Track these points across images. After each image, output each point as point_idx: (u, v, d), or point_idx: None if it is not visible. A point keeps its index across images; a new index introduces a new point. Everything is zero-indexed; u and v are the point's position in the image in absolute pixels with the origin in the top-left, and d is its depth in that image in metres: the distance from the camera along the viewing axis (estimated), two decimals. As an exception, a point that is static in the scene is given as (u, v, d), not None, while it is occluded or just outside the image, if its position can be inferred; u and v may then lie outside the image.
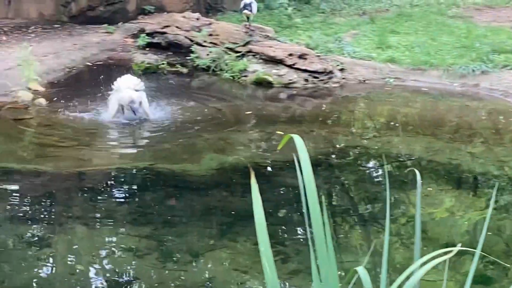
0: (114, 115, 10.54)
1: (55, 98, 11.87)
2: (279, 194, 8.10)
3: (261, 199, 2.78)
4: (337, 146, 9.89)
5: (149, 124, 10.71)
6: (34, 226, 7.17)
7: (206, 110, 11.54)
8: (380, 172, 8.91)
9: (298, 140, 2.62)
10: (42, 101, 11.47)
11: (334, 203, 7.97)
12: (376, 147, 9.95)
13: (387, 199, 3.06)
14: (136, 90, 10.51)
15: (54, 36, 16.30)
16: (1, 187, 8.06)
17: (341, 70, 13.71)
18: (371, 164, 9.48)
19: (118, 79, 10.74)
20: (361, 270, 2.63)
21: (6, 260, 6.38)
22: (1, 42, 15.25)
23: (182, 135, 10.20)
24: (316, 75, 13.36)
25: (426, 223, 7.16)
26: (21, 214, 7.39)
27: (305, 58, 13.63)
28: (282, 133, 10.03)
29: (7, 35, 16.02)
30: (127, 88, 10.45)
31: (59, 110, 11.24)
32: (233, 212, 7.61)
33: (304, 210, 2.75)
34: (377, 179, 8.67)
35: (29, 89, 11.98)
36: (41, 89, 12.22)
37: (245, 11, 14.84)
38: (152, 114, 10.86)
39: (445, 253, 2.53)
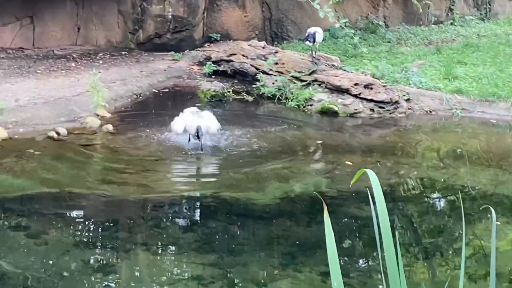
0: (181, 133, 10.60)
1: (122, 125, 12.02)
2: (345, 225, 8.05)
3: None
4: (404, 177, 9.80)
5: (215, 151, 10.77)
6: (100, 251, 7.25)
7: (271, 138, 11.56)
8: (447, 204, 8.81)
9: (372, 175, 2.60)
10: (109, 127, 11.62)
11: (402, 235, 7.89)
12: (442, 179, 9.84)
13: (463, 236, 3.03)
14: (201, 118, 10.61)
15: (122, 63, 16.54)
16: (68, 212, 8.18)
17: (407, 100, 13.62)
18: (437, 196, 9.37)
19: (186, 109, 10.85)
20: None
21: (73, 286, 6.45)
22: (70, 68, 15.52)
23: (247, 163, 10.21)
24: (382, 105, 13.29)
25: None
26: (87, 240, 7.48)
27: (371, 88, 13.58)
28: (351, 163, 10.01)
29: (76, 62, 16.31)
30: (193, 117, 10.54)
31: (125, 136, 11.39)
32: (297, 242, 7.58)
33: (378, 245, 2.73)
34: (444, 211, 8.57)
35: (97, 115, 12.16)
36: (109, 115, 12.40)
37: (306, 42, 14.95)
38: (217, 142, 10.93)
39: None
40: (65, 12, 18.21)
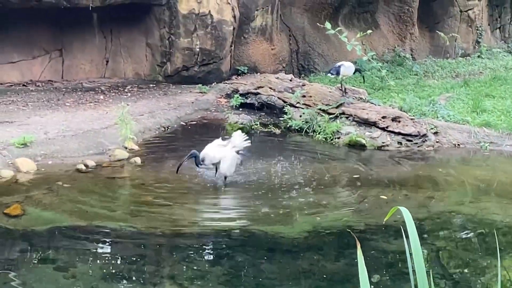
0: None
1: (150, 157, 12.08)
2: (374, 260, 7.98)
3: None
4: (432, 211, 9.71)
5: (243, 185, 10.77)
6: (127, 285, 7.23)
7: (299, 171, 11.57)
8: (478, 239, 8.72)
9: (406, 213, 2.58)
10: (137, 159, 11.67)
11: (433, 270, 7.81)
12: (472, 213, 9.74)
13: (498, 271, 2.99)
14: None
15: (150, 95, 16.66)
16: (95, 245, 8.18)
17: (435, 133, 13.57)
18: (468, 230, 9.26)
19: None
20: None
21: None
22: (98, 101, 15.64)
23: (275, 196, 10.19)
24: (410, 138, 13.25)
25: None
26: (115, 273, 7.46)
27: (399, 121, 13.55)
28: (386, 197, 9.96)
29: (105, 94, 16.44)
30: (216, 147, 10.56)
31: (153, 169, 11.43)
32: (325, 276, 7.53)
33: (411, 280, 2.70)
34: (475, 246, 8.47)
35: (125, 147, 12.23)
36: (137, 147, 12.46)
37: (329, 74, 15.05)
38: (245, 174, 10.94)
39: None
40: (93, 45, 18.39)
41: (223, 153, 10.50)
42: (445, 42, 21.71)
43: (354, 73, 15.29)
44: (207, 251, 8.26)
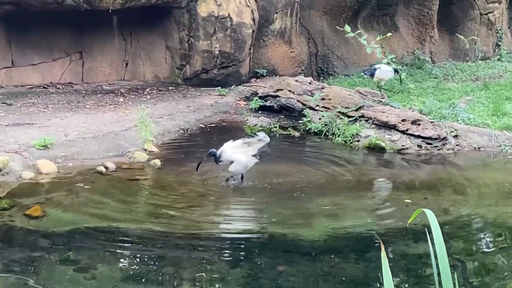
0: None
1: (169, 159, 12.10)
2: (395, 263, 7.95)
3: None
4: (453, 214, 9.65)
5: (262, 187, 10.77)
6: (149, 286, 7.24)
7: (318, 174, 11.54)
8: (499, 242, 8.67)
9: (430, 215, 2.56)
10: (157, 162, 11.69)
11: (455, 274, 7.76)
12: (492, 217, 9.68)
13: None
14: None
15: (169, 98, 16.69)
16: (116, 246, 8.20)
17: (455, 136, 13.50)
18: (488, 233, 9.21)
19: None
20: None
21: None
22: (118, 103, 15.69)
23: (294, 199, 10.18)
24: (430, 141, 13.20)
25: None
26: (135, 274, 7.47)
27: (419, 124, 13.50)
28: (410, 201, 9.92)
29: (124, 97, 16.49)
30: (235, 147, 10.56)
31: (173, 171, 11.45)
32: (344, 279, 7.50)
33: (436, 283, 2.68)
34: (496, 250, 8.42)
35: (145, 150, 12.26)
36: (156, 150, 12.49)
37: (362, 73, 15.11)
38: (264, 177, 10.94)
39: None
40: (113, 48, 18.45)
41: (239, 156, 10.48)
42: (465, 45, 21.62)
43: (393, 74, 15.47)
44: (226, 253, 8.25)
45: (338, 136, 13.77)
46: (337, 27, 17.06)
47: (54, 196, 9.93)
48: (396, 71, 15.47)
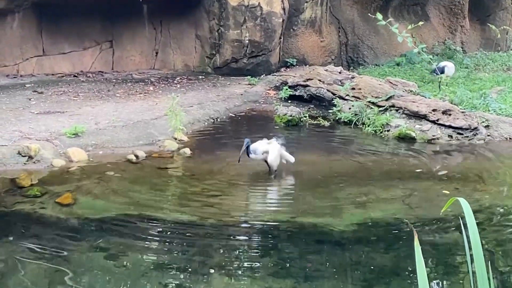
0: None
1: (199, 148, 12.12)
2: (425, 252, 7.91)
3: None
4: (483, 204, 9.57)
5: (291, 177, 10.77)
6: (177, 274, 7.26)
7: (348, 163, 11.51)
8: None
9: (465, 204, 2.53)
10: (187, 150, 11.71)
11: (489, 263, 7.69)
12: (523, 207, 9.60)
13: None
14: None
15: (199, 87, 16.71)
16: (146, 234, 8.23)
17: (487, 127, 13.38)
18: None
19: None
20: None
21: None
22: (148, 92, 15.74)
23: (324, 188, 10.16)
24: (461, 131, 13.10)
25: None
26: (165, 262, 7.50)
27: (449, 114, 13.40)
28: (448, 192, 9.86)
29: (154, 86, 16.54)
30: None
31: (202, 160, 11.47)
32: (373, 268, 7.48)
33: (470, 272, 2.66)
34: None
35: (175, 138, 12.29)
36: (186, 138, 12.51)
37: (432, 74, 15.13)
38: (293, 166, 10.93)
39: None
40: (143, 37, 18.51)
41: (269, 146, 10.52)
42: (496, 35, 21.44)
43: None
44: (255, 242, 8.25)
45: (368, 125, 13.70)
46: (369, 14, 17.00)
47: (84, 184, 10.00)
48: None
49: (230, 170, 10.79)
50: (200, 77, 18.02)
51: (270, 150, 10.49)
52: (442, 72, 15.22)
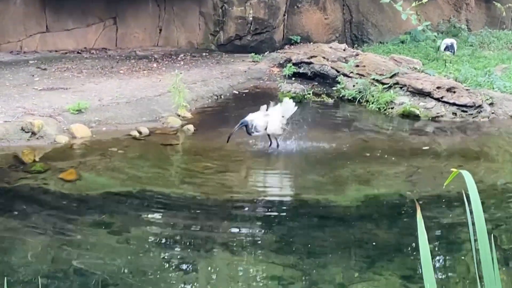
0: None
1: (203, 125, 12.10)
2: (428, 229, 7.91)
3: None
4: (487, 182, 9.56)
5: (295, 154, 10.76)
6: (180, 251, 7.27)
7: (352, 141, 11.49)
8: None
9: (468, 176, 2.51)
10: (190, 127, 11.70)
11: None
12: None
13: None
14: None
15: (202, 64, 16.66)
16: (149, 210, 8.25)
17: (491, 104, 13.33)
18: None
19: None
20: None
21: (154, 284, 6.48)
22: (152, 69, 15.71)
23: (327, 165, 10.15)
24: (465, 109, 13.04)
25: None
26: (167, 238, 7.51)
27: (454, 92, 13.34)
28: (455, 169, 9.82)
29: (158, 62, 16.50)
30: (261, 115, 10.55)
31: (206, 136, 11.45)
32: (375, 244, 7.48)
33: (473, 247, 2.64)
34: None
35: (178, 115, 12.28)
36: (190, 115, 12.50)
37: (447, 52, 15.02)
38: (296, 143, 10.93)
39: None
40: (147, 14, 18.44)
41: (269, 118, 10.49)
42: (501, 13, 21.32)
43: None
44: (258, 218, 8.25)
45: (372, 103, 13.65)
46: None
47: (88, 160, 10.01)
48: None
49: (233, 147, 10.76)
50: (204, 54, 17.95)
51: (269, 121, 10.45)
52: (452, 49, 15.14)
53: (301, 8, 19.46)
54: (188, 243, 7.43)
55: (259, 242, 7.51)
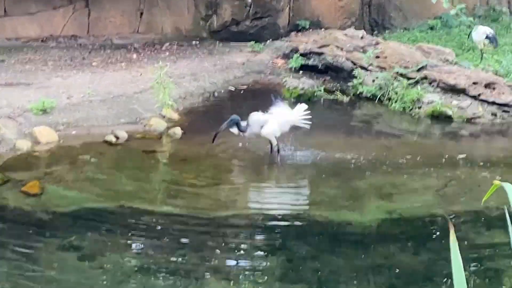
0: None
1: (192, 128, 12.11)
2: (462, 252, 7.92)
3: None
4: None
5: (302, 162, 10.78)
6: (165, 279, 7.28)
7: (371, 147, 11.49)
8: None
9: (511, 190, 2.52)
10: (177, 130, 11.72)
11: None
12: None
13: None
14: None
15: (192, 54, 16.69)
16: (128, 230, 8.26)
17: (538, 103, 13.37)
18: None
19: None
20: None
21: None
22: (131, 60, 15.73)
23: (342, 177, 10.17)
24: (507, 108, 13.07)
25: None
26: (150, 264, 7.52)
27: (493, 88, 13.37)
28: (496, 182, 9.83)
29: (138, 53, 16.52)
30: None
31: (196, 142, 11.47)
32: (399, 271, 7.50)
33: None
34: None
35: (163, 116, 12.30)
36: (176, 116, 12.52)
37: (486, 41, 15.13)
38: (305, 150, 10.96)
39: None
40: (126, -5, 18.46)
41: (271, 117, 10.48)
42: (550, -7, 21.37)
43: None
44: (259, 240, 8.28)
45: (396, 101, 13.67)
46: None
47: (54, 170, 10.05)
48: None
49: (228, 154, 10.78)
50: (194, 42, 17.97)
51: (267, 121, 10.40)
52: (494, 41, 15.19)
53: (310, -12, 19.51)
54: (174, 270, 7.44)
55: (260, 268, 7.53)
